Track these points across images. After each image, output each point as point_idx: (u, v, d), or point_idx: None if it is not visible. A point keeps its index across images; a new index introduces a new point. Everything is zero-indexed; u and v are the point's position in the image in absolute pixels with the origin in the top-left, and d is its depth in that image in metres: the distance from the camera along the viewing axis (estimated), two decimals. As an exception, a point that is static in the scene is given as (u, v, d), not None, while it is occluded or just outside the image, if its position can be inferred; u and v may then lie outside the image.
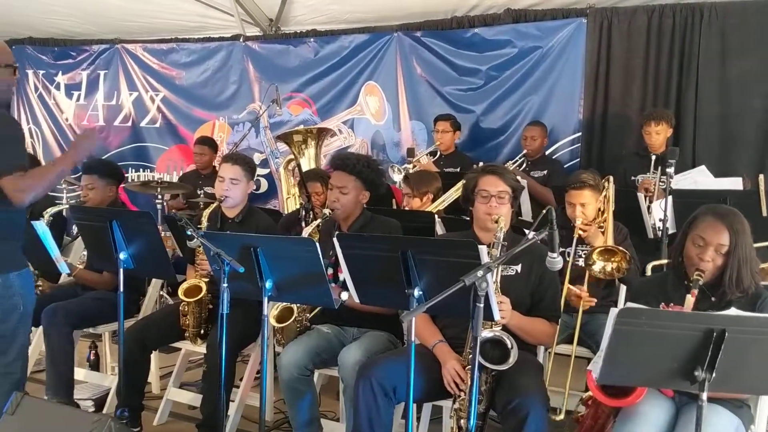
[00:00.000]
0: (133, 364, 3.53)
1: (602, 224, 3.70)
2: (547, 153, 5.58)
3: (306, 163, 5.45)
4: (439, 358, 2.88)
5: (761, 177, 3.91)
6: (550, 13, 5.70)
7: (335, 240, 2.70)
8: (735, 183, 4.33)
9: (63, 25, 7.43)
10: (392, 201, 5.32)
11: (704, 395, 2.07)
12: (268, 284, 2.74)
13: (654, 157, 4.74)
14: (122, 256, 3.16)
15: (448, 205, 4.40)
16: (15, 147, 2.89)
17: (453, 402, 2.80)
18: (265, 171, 6.92)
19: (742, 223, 2.60)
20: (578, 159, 5.65)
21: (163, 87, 7.40)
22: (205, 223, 3.68)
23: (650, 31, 5.36)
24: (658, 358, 2.09)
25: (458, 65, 6.07)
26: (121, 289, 3.20)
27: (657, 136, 4.80)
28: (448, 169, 5.33)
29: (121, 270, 3.18)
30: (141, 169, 7.56)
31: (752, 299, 2.60)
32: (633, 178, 4.90)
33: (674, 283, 2.71)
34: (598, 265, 3.52)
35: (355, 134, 6.63)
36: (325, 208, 3.59)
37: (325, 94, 6.69)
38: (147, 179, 7.04)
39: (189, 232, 2.99)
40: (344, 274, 2.72)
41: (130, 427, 3.38)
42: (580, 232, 3.65)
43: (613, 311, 2.08)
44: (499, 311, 2.56)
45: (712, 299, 2.65)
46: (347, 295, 2.97)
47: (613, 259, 3.52)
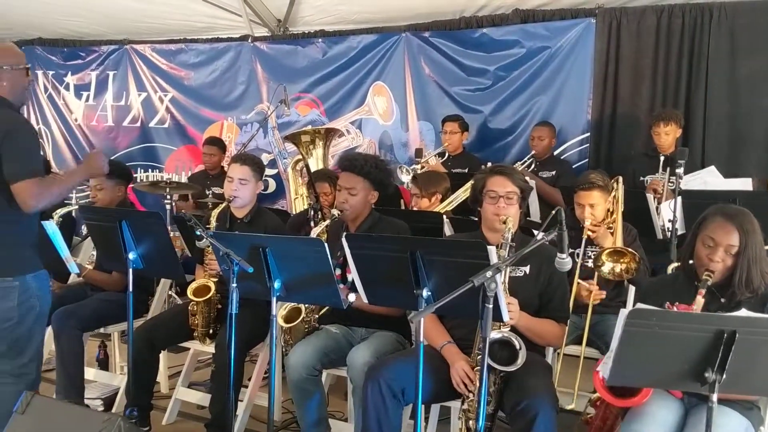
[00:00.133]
0: (142, 364, 3.54)
1: (611, 225, 3.69)
2: (555, 153, 5.56)
3: (314, 164, 5.45)
4: (448, 359, 2.87)
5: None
6: (559, 13, 5.69)
7: (344, 240, 2.70)
8: (745, 183, 4.31)
9: (72, 26, 7.47)
10: (400, 201, 5.32)
11: (714, 397, 2.06)
12: (276, 284, 2.73)
13: (663, 158, 4.72)
14: (131, 256, 3.17)
15: (456, 206, 4.40)
16: (33, 155, 2.93)
17: (461, 403, 2.80)
18: (273, 171, 6.92)
19: (752, 223, 2.60)
20: (587, 159, 5.63)
21: (172, 87, 7.42)
22: (213, 223, 3.70)
23: (659, 31, 5.34)
24: (668, 360, 2.08)
25: (466, 65, 6.07)
26: (131, 289, 3.21)
27: (666, 137, 4.78)
28: (456, 169, 5.32)
29: (131, 270, 3.19)
30: (150, 170, 7.58)
31: (762, 299, 2.60)
32: (642, 178, 4.88)
33: (684, 284, 2.71)
34: (607, 267, 3.50)
35: (362, 135, 6.63)
36: (333, 209, 3.59)
37: (333, 94, 6.70)
38: (156, 179, 7.06)
39: (198, 232, 2.99)
40: (353, 274, 2.71)
41: (140, 427, 3.39)
42: (589, 233, 3.64)
43: (623, 312, 2.07)
44: (508, 312, 2.56)
45: (722, 300, 2.64)
46: (354, 297, 2.97)
47: (622, 261, 3.50)
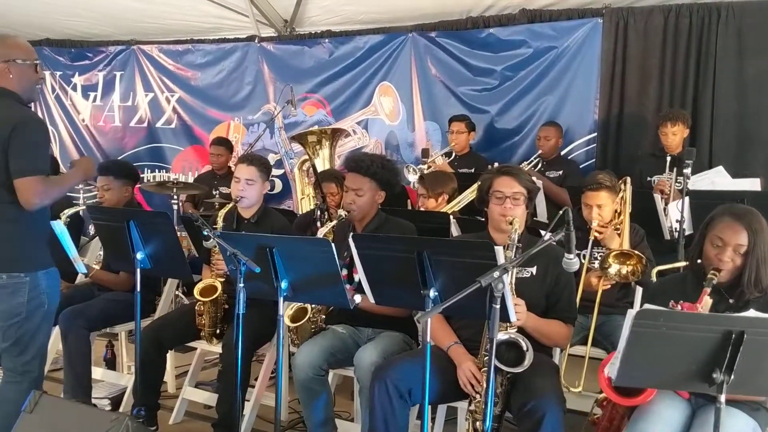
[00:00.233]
0: (150, 364, 3.55)
1: (618, 226, 3.67)
2: (562, 154, 5.55)
3: (320, 164, 5.45)
4: (454, 360, 2.87)
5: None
6: (566, 13, 5.68)
7: (351, 240, 2.70)
8: (753, 184, 4.30)
9: (80, 27, 7.49)
10: (407, 201, 5.32)
11: (722, 397, 2.06)
12: (283, 284, 2.74)
13: (670, 158, 4.71)
14: (139, 256, 3.18)
15: (463, 206, 4.39)
16: (41, 151, 2.93)
17: (468, 404, 2.80)
18: (280, 171, 6.93)
19: (760, 223, 2.59)
20: (594, 159, 5.61)
21: (179, 88, 7.43)
22: (220, 224, 3.70)
23: (667, 30, 5.32)
24: (676, 360, 2.07)
25: (473, 65, 6.06)
26: (138, 288, 3.22)
27: (673, 137, 4.77)
28: (462, 170, 5.31)
29: (138, 270, 3.20)
30: (156, 170, 7.61)
31: (770, 299, 2.59)
32: (649, 179, 4.87)
33: (693, 284, 2.70)
34: (613, 268, 3.49)
35: (369, 135, 6.63)
36: (340, 209, 3.60)
37: (340, 94, 6.70)
38: (163, 180, 7.08)
39: (206, 232, 3.00)
40: (359, 274, 2.71)
41: (147, 426, 3.39)
42: (596, 234, 3.63)
43: (630, 313, 2.06)
44: (515, 313, 2.55)
45: (730, 301, 2.64)
46: (360, 298, 2.97)
47: (628, 263, 3.49)
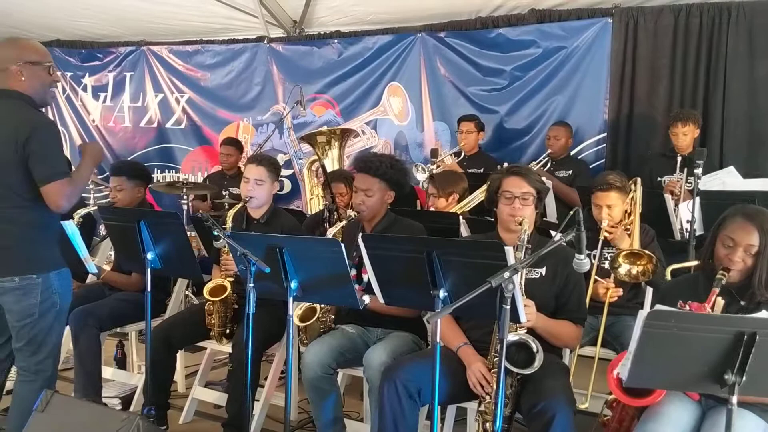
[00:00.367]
0: (160, 363, 3.56)
1: (628, 226, 3.66)
2: (572, 153, 5.54)
3: (329, 164, 5.47)
4: (464, 360, 2.87)
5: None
6: (575, 13, 5.66)
7: (360, 240, 2.70)
8: (765, 184, 4.26)
9: (90, 28, 7.52)
10: (416, 201, 5.32)
11: (734, 399, 2.04)
12: (293, 284, 2.75)
13: (680, 158, 4.69)
14: (150, 256, 3.19)
15: (473, 206, 4.38)
16: (60, 154, 2.96)
17: (478, 405, 2.79)
18: (289, 172, 6.94)
19: (771, 223, 2.58)
20: (603, 160, 5.60)
21: (188, 88, 7.46)
22: (230, 224, 3.71)
23: (677, 30, 5.30)
24: (687, 362, 2.06)
25: (482, 66, 6.05)
26: (149, 288, 3.23)
27: (684, 137, 4.75)
28: (471, 170, 5.30)
29: (149, 270, 3.21)
30: (166, 170, 7.63)
31: (781, 301, 2.57)
32: (659, 179, 4.85)
33: (705, 285, 2.68)
34: (623, 268, 3.48)
35: (378, 135, 6.63)
36: (349, 209, 3.60)
37: (349, 95, 6.70)
38: (172, 180, 7.11)
39: (216, 233, 3.01)
40: (369, 274, 2.72)
41: (157, 426, 3.41)
42: (606, 234, 3.62)
43: (641, 314, 2.05)
44: (525, 314, 2.55)
45: (742, 303, 2.63)
46: (369, 299, 2.97)
47: (638, 263, 3.47)
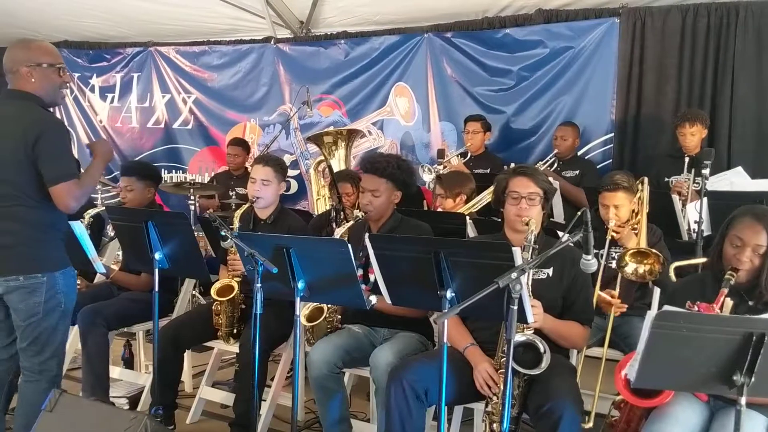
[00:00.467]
0: (167, 363, 3.57)
1: (636, 226, 3.65)
2: (579, 154, 5.53)
3: (336, 164, 5.46)
4: (471, 361, 2.86)
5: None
6: (583, 13, 5.65)
7: (367, 241, 2.71)
8: (773, 184, 4.26)
9: (97, 29, 7.54)
10: (422, 202, 5.32)
11: (743, 400, 2.04)
12: (300, 285, 2.75)
13: (688, 159, 4.68)
14: (157, 256, 3.20)
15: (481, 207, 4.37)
16: (69, 155, 2.98)
17: (485, 405, 2.79)
18: (295, 172, 6.93)
19: (780, 223, 2.57)
20: (611, 160, 5.58)
21: (195, 89, 7.47)
22: (237, 224, 3.71)
23: (684, 30, 5.29)
24: (695, 362, 2.06)
25: (489, 66, 6.04)
26: (156, 289, 3.24)
27: (692, 138, 4.73)
28: (478, 170, 5.29)
29: (157, 270, 3.22)
30: (173, 171, 7.65)
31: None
32: (666, 179, 4.84)
33: (712, 285, 2.68)
34: (630, 267, 3.45)
35: (384, 135, 6.63)
36: (356, 210, 3.60)
37: (355, 95, 6.70)
38: (180, 180, 7.12)
39: (223, 233, 3.01)
40: (376, 274, 2.72)
41: (165, 426, 3.42)
42: (613, 234, 3.61)
43: (649, 314, 2.05)
44: (532, 315, 2.54)
45: (750, 303, 2.62)
46: (375, 299, 2.97)
47: (645, 262, 3.45)
